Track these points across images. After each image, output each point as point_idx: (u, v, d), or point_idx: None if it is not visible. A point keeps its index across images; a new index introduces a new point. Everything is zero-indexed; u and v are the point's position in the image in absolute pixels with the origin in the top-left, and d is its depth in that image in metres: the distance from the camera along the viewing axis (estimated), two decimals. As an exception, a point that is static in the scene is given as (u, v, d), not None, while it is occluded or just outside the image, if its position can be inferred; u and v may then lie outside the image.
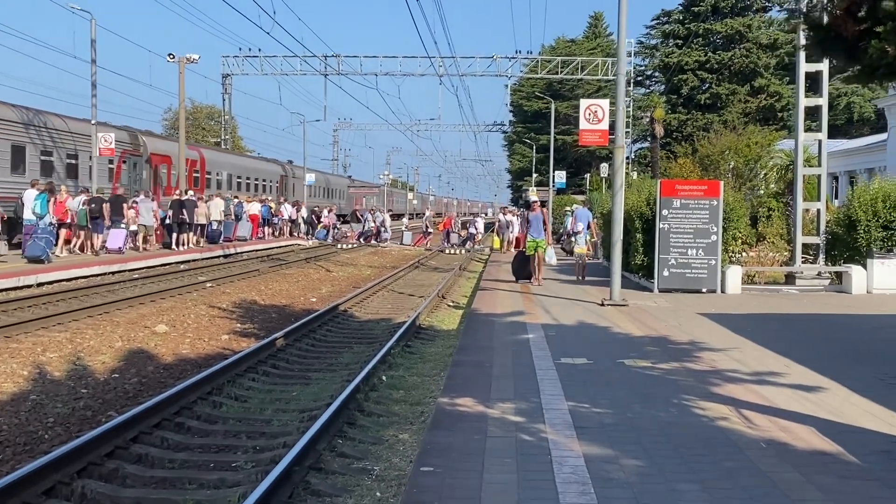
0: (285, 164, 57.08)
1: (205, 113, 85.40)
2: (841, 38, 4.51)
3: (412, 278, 25.78)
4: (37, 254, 22.18)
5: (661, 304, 15.64)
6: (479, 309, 15.19)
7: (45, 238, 22.41)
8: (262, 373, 11.15)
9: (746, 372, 9.07)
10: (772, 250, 20.54)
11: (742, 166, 32.06)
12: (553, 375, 8.86)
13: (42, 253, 22.20)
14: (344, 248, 39.78)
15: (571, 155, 75.52)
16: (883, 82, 5.09)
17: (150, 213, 28.60)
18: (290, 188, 55.13)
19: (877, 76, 4.55)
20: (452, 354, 11.27)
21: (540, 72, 54.62)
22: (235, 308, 17.49)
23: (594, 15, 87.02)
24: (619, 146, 15.48)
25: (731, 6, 62.39)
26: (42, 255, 22.19)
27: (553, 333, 11.91)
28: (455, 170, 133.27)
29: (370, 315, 17.19)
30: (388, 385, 10.19)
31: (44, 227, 22.43)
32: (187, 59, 32.91)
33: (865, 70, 4.52)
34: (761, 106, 59.94)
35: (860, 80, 4.86)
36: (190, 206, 30.01)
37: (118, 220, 26.42)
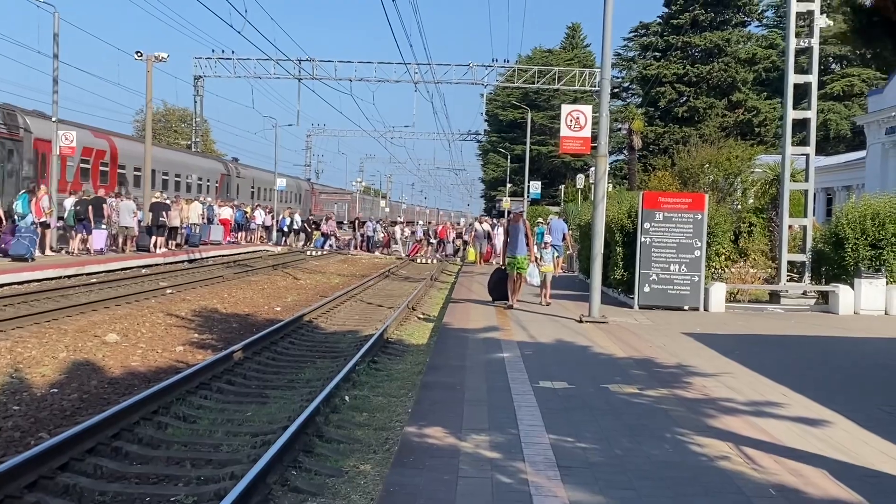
0: (228, 162, 53.10)
1: (177, 115, 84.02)
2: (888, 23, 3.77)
3: (382, 288, 24.93)
4: (21, 252, 22.38)
5: (643, 322, 14.90)
6: (450, 323, 14.38)
7: (28, 237, 22.82)
8: (215, 389, 10.27)
9: (742, 401, 8.32)
10: (753, 266, 19.89)
11: (721, 180, 31.50)
12: (531, 401, 8.06)
13: (26, 252, 22.47)
14: (313, 255, 38.83)
15: (546, 166, 75.13)
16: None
17: (130, 214, 28.27)
18: (234, 188, 50.56)
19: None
20: (422, 373, 10.47)
21: (516, 81, 54.02)
22: (194, 317, 16.56)
23: (572, 26, 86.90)
24: (601, 155, 14.74)
25: (711, 20, 62.27)
26: (26, 253, 22.44)
27: (530, 352, 11.12)
28: (428, 178, 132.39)
29: (336, 327, 16.33)
30: (351, 406, 9.35)
31: (26, 226, 22.93)
32: (155, 58, 31.90)
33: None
34: (739, 120, 59.77)
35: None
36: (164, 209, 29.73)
37: (99, 220, 26.74)
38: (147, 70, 31.67)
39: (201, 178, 45.78)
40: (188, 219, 34.00)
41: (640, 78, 65.01)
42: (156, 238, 29.66)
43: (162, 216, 29.63)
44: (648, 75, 61.82)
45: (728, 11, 63.81)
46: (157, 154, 37.61)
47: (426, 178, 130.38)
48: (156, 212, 29.57)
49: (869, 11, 3.85)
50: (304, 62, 48.84)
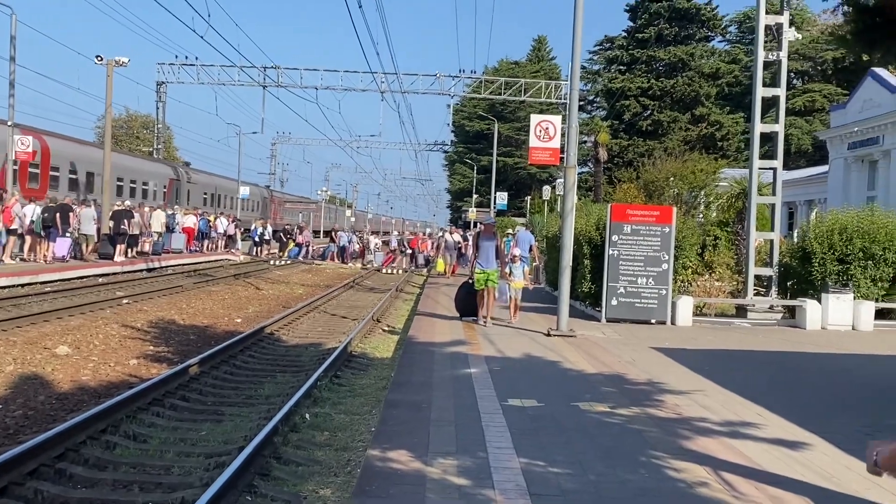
0: (178, 167, 50.76)
1: (139, 122, 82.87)
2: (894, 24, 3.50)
3: (346, 298, 24.50)
4: None
5: (611, 336, 14.65)
6: (416, 336, 14.02)
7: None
8: (169, 406, 9.82)
9: (717, 421, 8.05)
10: (719, 280, 19.78)
11: (686, 193, 31.56)
12: (500, 421, 7.73)
13: None
14: (277, 264, 38.27)
15: (512, 177, 75.14)
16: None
17: (90, 221, 27.84)
18: (184, 194, 47.92)
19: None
20: (386, 388, 10.11)
21: (483, 92, 53.89)
22: (151, 328, 16.04)
23: (538, 38, 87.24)
24: (570, 166, 14.50)
25: (675, 35, 62.65)
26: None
27: (498, 368, 10.80)
28: (394, 188, 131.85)
29: (298, 339, 15.90)
30: (311, 425, 8.96)
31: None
32: (116, 62, 31.22)
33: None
34: (702, 134, 60.13)
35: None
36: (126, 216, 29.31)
37: (65, 228, 26.44)
38: (107, 75, 31.00)
39: (147, 182, 42.96)
40: (150, 226, 33.48)
41: (606, 91, 65.22)
42: (118, 246, 29.11)
43: (123, 224, 29.10)
44: (613, 88, 62.01)
45: (692, 26, 64.27)
46: (94, 155, 35.66)
47: (392, 187, 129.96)
48: (117, 219, 29.07)
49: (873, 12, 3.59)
50: (269, 69, 48.34)
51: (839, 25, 9.49)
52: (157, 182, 44.45)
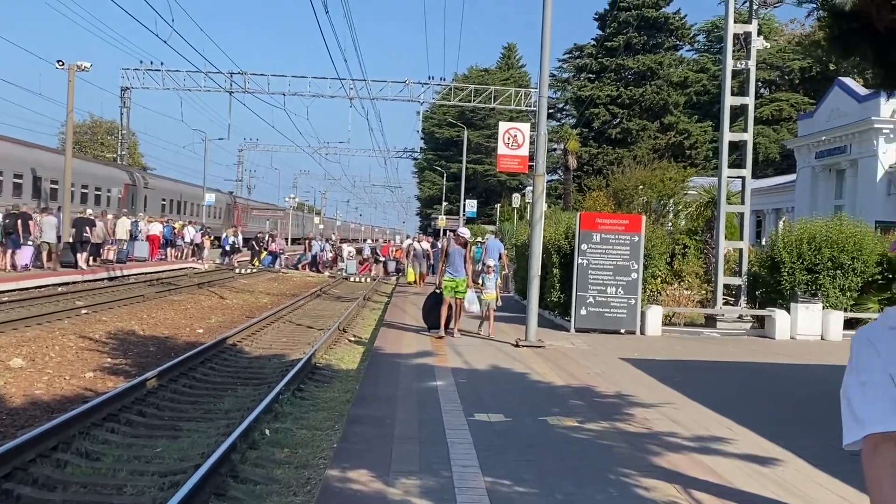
0: (135, 171, 48.46)
1: (104, 128, 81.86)
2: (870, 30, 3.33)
3: (312, 308, 24.16)
4: None
5: (580, 346, 14.48)
6: (382, 347, 13.75)
7: None
8: (124, 422, 9.46)
9: (687, 436, 7.87)
10: (688, 289, 19.71)
11: (655, 201, 31.58)
12: (466, 437, 7.49)
13: None
14: (242, 272, 37.78)
15: (482, 184, 75.10)
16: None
17: (52, 229, 27.43)
18: (140, 200, 45.59)
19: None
20: (350, 401, 9.84)
21: (452, 99, 53.75)
22: (109, 339, 15.63)
23: (507, 46, 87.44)
24: (539, 174, 14.31)
25: (644, 43, 62.93)
26: None
27: (464, 380, 10.56)
28: (364, 195, 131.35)
29: (262, 350, 15.56)
30: (271, 441, 8.66)
31: None
32: (78, 67, 30.69)
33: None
34: (671, 143, 60.39)
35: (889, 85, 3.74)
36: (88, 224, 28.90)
37: (26, 236, 26.14)
38: (69, 80, 30.45)
39: (99, 187, 40.42)
40: (114, 234, 33.04)
41: (575, 99, 65.38)
42: (80, 254, 28.66)
43: (85, 231, 28.65)
44: (583, 96, 62.15)
45: (661, 35, 64.60)
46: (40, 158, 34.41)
47: (361, 194, 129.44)
48: (79, 227, 28.62)
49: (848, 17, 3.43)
50: (236, 75, 47.83)
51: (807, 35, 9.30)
52: (111, 187, 42.26)
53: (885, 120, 31.69)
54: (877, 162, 32.08)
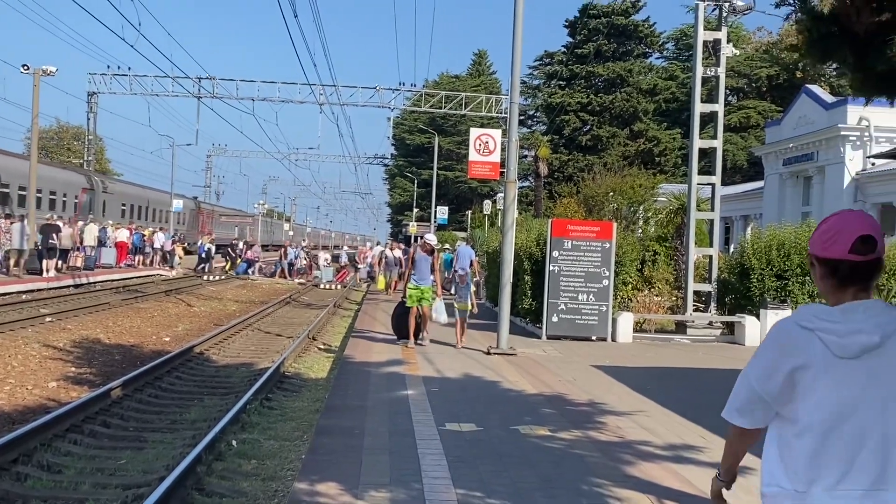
0: (93, 175, 45.93)
1: (71, 133, 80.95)
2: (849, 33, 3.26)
3: (281, 315, 23.92)
4: None
5: (552, 354, 14.40)
6: (352, 356, 13.59)
7: None
8: (87, 433, 9.25)
9: (660, 445, 7.80)
10: (658, 295, 19.73)
11: (625, 208, 31.63)
12: (437, 448, 7.37)
13: None
14: (211, 279, 37.39)
15: (453, 191, 75.07)
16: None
17: (20, 236, 27.12)
18: (99, 205, 43.60)
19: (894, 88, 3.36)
20: (319, 411, 9.68)
21: (423, 105, 53.64)
22: (74, 348, 15.35)
23: (478, 53, 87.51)
24: (510, 181, 14.25)
25: (614, 51, 63.25)
26: None
27: (436, 389, 10.44)
28: (334, 201, 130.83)
29: (229, 359, 15.34)
30: (238, 452, 8.48)
31: None
32: (43, 72, 30.27)
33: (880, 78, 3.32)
34: (640, 149, 60.70)
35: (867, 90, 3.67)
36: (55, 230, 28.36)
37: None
38: (34, 84, 30.03)
39: (54, 191, 38.18)
40: (81, 241, 32.72)
41: (546, 106, 65.53)
42: (46, 261, 28.21)
43: (52, 238, 28.16)
44: (553, 103, 62.32)
45: (630, 43, 64.95)
46: None
47: (332, 201, 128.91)
48: (46, 234, 28.15)
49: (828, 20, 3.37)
50: (204, 80, 47.30)
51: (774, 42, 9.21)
52: (66, 192, 40.03)
53: (852, 127, 32.01)
54: (843, 169, 32.39)
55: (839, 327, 2.35)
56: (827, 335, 2.36)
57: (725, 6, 17.32)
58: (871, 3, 3.27)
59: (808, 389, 2.38)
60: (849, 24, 3.27)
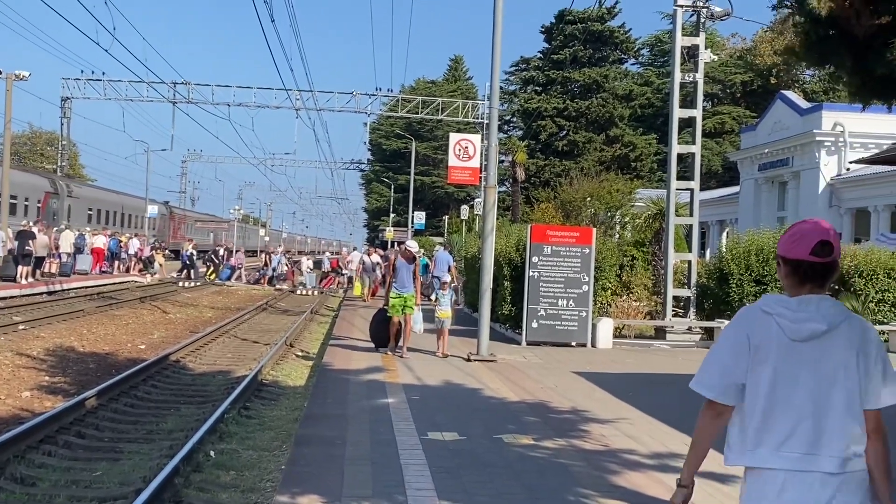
0: (57, 179, 44.26)
1: (44, 139, 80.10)
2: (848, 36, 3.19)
3: (258, 322, 23.70)
4: None
5: (532, 360, 14.33)
6: (331, 363, 13.45)
7: None
8: (62, 444, 9.07)
9: (645, 453, 7.73)
10: (637, 300, 19.73)
11: (603, 213, 31.69)
12: (420, 458, 7.26)
13: None
14: (186, 286, 37.06)
15: (430, 196, 74.96)
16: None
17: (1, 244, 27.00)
18: (64, 210, 41.86)
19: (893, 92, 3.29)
20: (298, 420, 9.55)
21: (400, 111, 53.57)
22: (48, 356, 15.10)
23: (454, 58, 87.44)
24: (490, 186, 14.18)
25: (589, 56, 63.43)
26: None
27: (416, 397, 10.33)
28: (310, 207, 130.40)
29: (206, 367, 15.14)
30: (216, 463, 8.34)
31: None
32: (16, 76, 29.90)
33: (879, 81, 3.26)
34: (616, 155, 60.88)
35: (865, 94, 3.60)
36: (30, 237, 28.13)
37: None
38: (7, 89, 29.65)
39: (15, 195, 36.01)
40: (57, 247, 32.47)
41: (522, 111, 65.59)
42: (22, 268, 27.90)
43: (28, 245, 27.87)
44: (530, 109, 62.38)
45: (606, 49, 65.17)
46: None
47: (308, 206, 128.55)
48: (21, 240, 27.87)
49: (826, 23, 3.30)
50: (180, 85, 46.97)
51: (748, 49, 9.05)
52: (27, 195, 38.27)
53: (827, 133, 32.27)
54: (818, 174, 32.64)
55: (794, 315, 2.82)
56: (782, 320, 2.83)
57: (703, 12, 17.37)
58: (870, 5, 3.20)
59: (762, 363, 2.84)
60: (848, 26, 3.21)
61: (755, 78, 60.86)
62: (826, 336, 2.81)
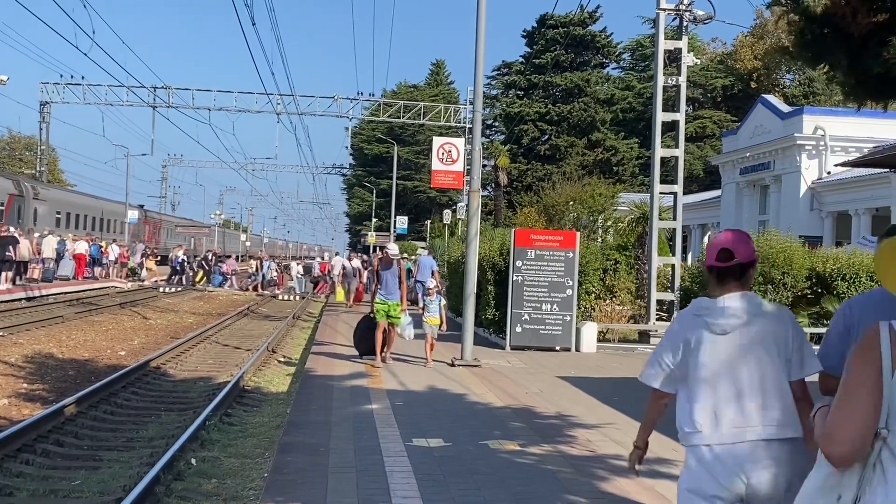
0: (22, 181, 41.98)
1: (23, 144, 79.47)
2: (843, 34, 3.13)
3: (240, 327, 23.52)
4: None
5: (516, 365, 14.25)
6: (313, 369, 13.33)
7: None
8: (40, 452, 8.91)
9: (632, 458, 7.65)
10: (621, 304, 19.69)
11: (585, 217, 31.69)
12: (405, 465, 7.16)
13: None
14: (167, 291, 36.78)
15: (412, 200, 74.87)
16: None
17: None
18: (29, 213, 39.86)
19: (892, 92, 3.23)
20: (281, 426, 9.42)
21: (382, 115, 53.37)
22: (26, 363, 14.89)
23: (436, 62, 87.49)
24: (474, 190, 14.10)
25: (571, 61, 63.57)
26: None
27: (401, 403, 10.22)
28: (291, 212, 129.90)
29: (187, 373, 14.97)
30: (198, 471, 8.20)
31: None
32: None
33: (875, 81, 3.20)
34: (598, 159, 61.01)
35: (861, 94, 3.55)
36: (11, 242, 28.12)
37: None
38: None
39: None
40: (41, 252, 32.33)
41: (504, 115, 65.64)
42: (2, 273, 27.86)
43: (8, 251, 27.78)
44: (512, 113, 62.42)
45: (587, 53, 65.33)
46: None
47: (289, 211, 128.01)
48: (2, 246, 27.67)
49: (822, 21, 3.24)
50: (160, 89, 46.52)
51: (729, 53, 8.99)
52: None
53: (808, 136, 32.42)
54: (800, 177, 32.78)
55: (715, 313, 3.38)
56: (708, 318, 3.39)
57: (686, 15, 17.38)
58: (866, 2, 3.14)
59: (694, 355, 3.38)
60: (844, 24, 3.16)
61: (736, 82, 61.19)
62: (747, 326, 3.34)
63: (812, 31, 3.28)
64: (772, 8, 4.40)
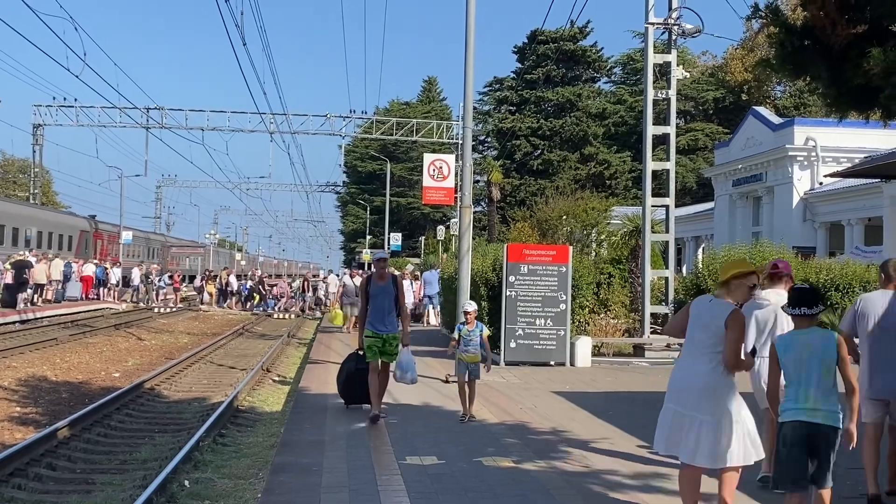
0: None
1: (17, 166, 79.38)
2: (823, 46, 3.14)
3: (234, 347, 23.45)
4: None
5: (511, 380, 14.22)
6: (308, 388, 13.29)
7: None
8: (32, 476, 8.88)
9: (627, 474, 7.65)
10: (615, 318, 19.67)
11: (578, 231, 31.74)
12: (398, 484, 7.13)
13: None
14: (161, 311, 36.70)
15: (406, 217, 74.99)
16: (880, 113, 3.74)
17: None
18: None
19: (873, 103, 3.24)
20: (275, 447, 9.38)
21: (374, 132, 53.44)
22: (20, 386, 14.84)
23: (428, 79, 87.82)
24: (465, 206, 14.11)
25: (563, 76, 63.86)
26: None
27: (394, 420, 10.19)
28: (286, 230, 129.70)
29: (181, 394, 14.93)
30: (191, 493, 8.17)
31: None
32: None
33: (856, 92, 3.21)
34: (591, 173, 61.21)
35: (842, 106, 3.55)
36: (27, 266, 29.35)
37: None
38: (-24, 116, 29.28)
39: None
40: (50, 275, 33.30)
41: (497, 131, 65.84)
42: (19, 295, 28.87)
43: (25, 273, 28.93)
44: (504, 128, 62.65)
45: (579, 68, 65.67)
46: None
47: (284, 229, 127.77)
48: (18, 270, 28.74)
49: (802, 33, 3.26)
50: (153, 110, 46.57)
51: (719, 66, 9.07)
52: None
53: (799, 147, 32.55)
54: (792, 188, 32.89)
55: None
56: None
57: (675, 29, 17.46)
58: (845, 14, 3.16)
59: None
60: (824, 36, 3.17)
61: (727, 94, 61.43)
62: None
63: (792, 43, 3.30)
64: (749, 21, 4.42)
